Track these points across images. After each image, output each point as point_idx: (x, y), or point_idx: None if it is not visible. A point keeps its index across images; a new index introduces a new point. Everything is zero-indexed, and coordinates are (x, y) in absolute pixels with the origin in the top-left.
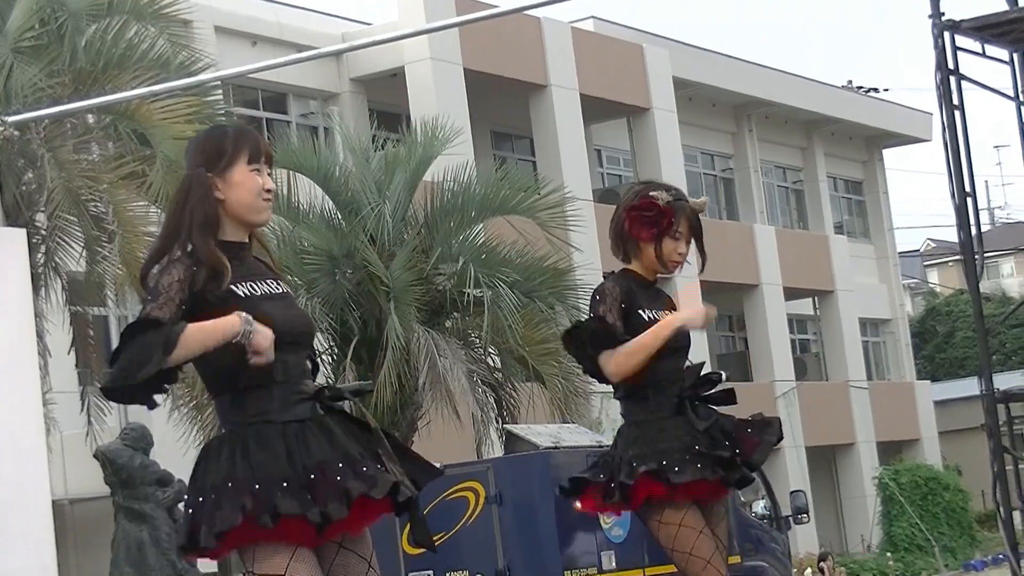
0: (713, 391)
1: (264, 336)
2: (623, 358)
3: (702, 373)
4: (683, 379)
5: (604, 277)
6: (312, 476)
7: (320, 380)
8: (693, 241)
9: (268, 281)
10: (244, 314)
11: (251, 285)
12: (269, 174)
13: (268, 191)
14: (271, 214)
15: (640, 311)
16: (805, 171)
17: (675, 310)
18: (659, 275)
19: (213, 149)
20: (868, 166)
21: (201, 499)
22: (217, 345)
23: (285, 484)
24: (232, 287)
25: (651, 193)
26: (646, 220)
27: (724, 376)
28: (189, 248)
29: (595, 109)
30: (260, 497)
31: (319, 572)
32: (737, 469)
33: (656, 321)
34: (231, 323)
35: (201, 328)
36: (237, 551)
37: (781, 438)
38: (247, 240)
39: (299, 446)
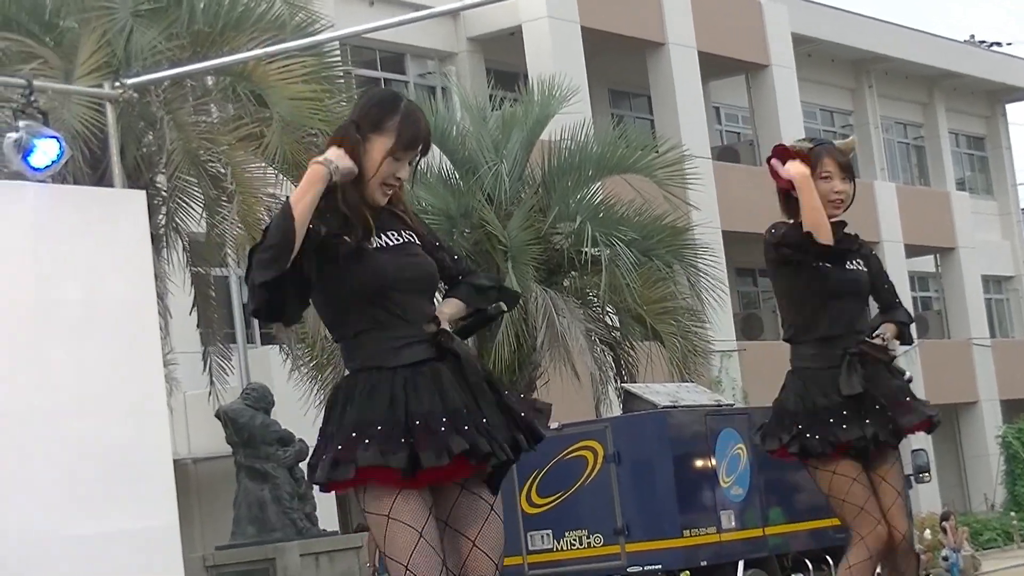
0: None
1: (340, 157)
2: (812, 219)
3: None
4: (857, 332)
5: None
6: (417, 422)
7: None
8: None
9: (389, 232)
10: (318, 159)
11: (366, 239)
12: (411, 162)
13: (398, 178)
14: (386, 199)
15: (813, 263)
16: (926, 127)
17: (859, 263)
18: (830, 218)
19: (375, 116)
20: (990, 121)
21: (319, 442)
22: (318, 192)
23: (380, 429)
24: (346, 238)
25: (787, 144)
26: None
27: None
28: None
29: (713, 66)
30: (351, 446)
31: (424, 512)
32: (885, 429)
33: (826, 269)
34: (314, 172)
35: (297, 193)
36: (354, 491)
37: (934, 417)
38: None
39: (406, 393)
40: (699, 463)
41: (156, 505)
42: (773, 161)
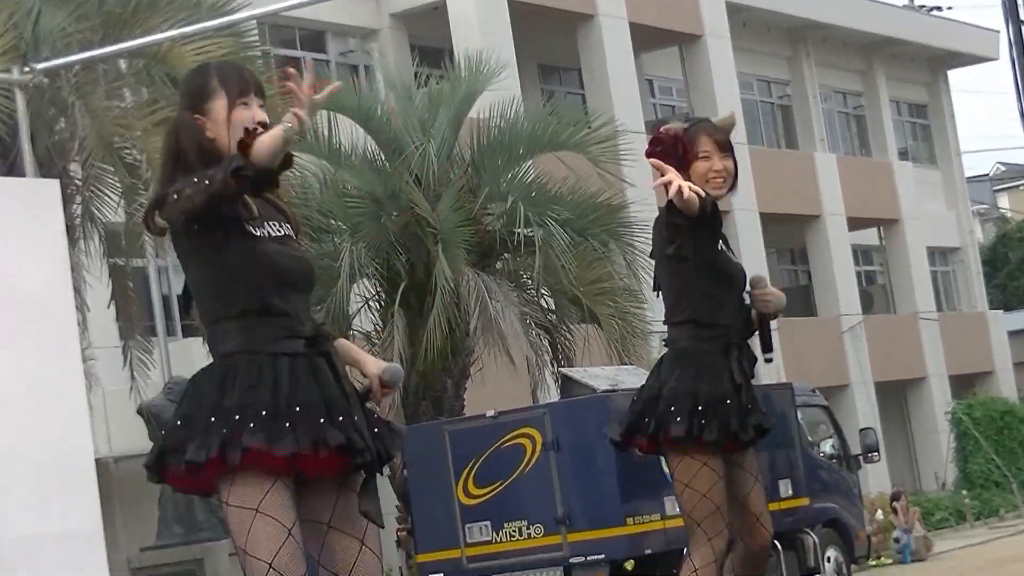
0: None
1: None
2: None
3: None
4: (738, 323)
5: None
6: (298, 408)
7: (368, 327)
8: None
9: (270, 222)
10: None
11: (251, 224)
12: (262, 106)
13: (260, 124)
14: None
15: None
16: (866, 95)
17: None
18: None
19: (196, 88)
20: (932, 88)
21: (181, 424)
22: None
23: (264, 413)
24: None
25: (660, 129)
26: (661, 153)
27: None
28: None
29: (645, 38)
30: (237, 429)
31: (293, 511)
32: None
33: (728, 254)
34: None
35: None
36: (215, 481)
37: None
38: None
39: (287, 379)
40: None
41: (78, 507)
42: (652, 160)
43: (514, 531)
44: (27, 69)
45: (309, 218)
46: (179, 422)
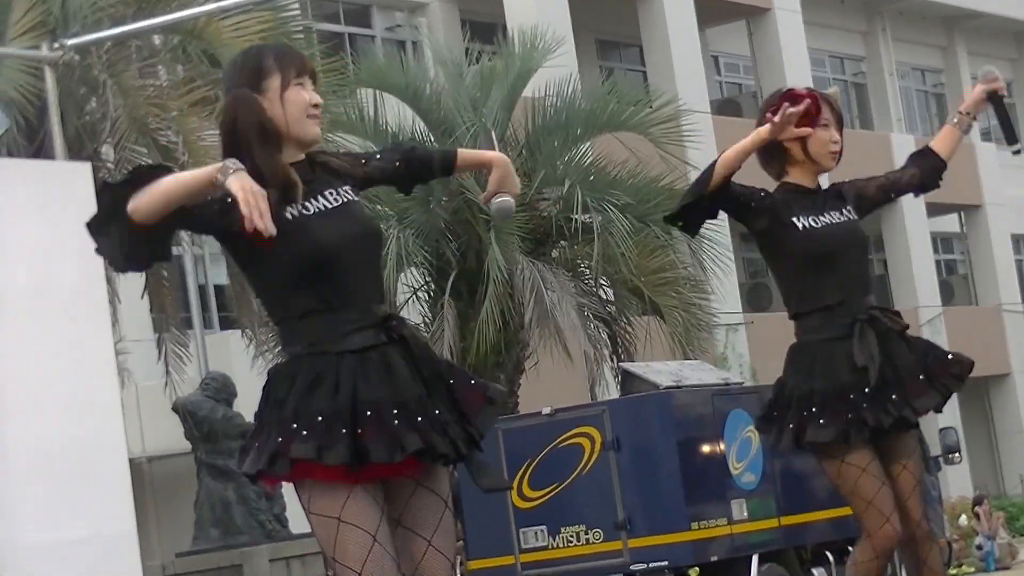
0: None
1: (247, 191)
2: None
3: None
4: (864, 295)
5: None
6: (368, 412)
7: (416, 319)
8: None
9: (326, 193)
10: (227, 162)
11: (302, 205)
12: (314, 90)
13: (315, 106)
14: (320, 130)
15: (794, 219)
16: (946, 73)
17: (848, 210)
18: (821, 172)
19: (253, 67)
20: (1017, 64)
21: (255, 428)
22: (188, 194)
23: (320, 419)
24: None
25: (785, 89)
26: (793, 106)
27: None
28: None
29: (711, 11)
30: (288, 438)
31: (377, 512)
32: (896, 412)
33: (814, 229)
34: (204, 171)
35: (175, 178)
36: (295, 487)
37: (962, 380)
38: (302, 157)
39: (354, 380)
40: (707, 448)
41: (111, 510)
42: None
43: (572, 536)
44: (56, 45)
45: None
46: (256, 422)
